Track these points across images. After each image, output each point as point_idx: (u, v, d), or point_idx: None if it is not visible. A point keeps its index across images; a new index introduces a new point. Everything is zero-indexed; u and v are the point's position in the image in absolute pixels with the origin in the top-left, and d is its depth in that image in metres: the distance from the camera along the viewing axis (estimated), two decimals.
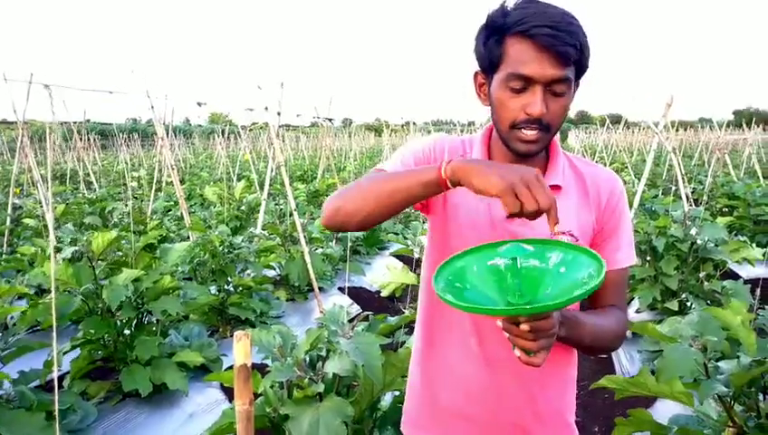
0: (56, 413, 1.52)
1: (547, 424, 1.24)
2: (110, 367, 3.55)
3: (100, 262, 3.45)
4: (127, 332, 3.47)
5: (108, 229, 5.35)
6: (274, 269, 5.61)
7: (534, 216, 0.90)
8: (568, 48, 1.01)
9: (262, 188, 7.35)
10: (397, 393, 2.14)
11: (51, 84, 4.79)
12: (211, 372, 3.62)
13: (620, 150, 16.80)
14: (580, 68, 1.08)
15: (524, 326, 0.92)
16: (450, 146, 1.24)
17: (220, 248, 4.52)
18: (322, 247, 5.90)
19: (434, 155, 1.22)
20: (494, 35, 1.07)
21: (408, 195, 1.02)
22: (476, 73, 1.17)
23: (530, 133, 1.07)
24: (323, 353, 1.98)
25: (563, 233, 0.96)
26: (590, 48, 1.07)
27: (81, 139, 11.08)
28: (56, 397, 1.60)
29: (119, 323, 3.40)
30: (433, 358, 1.28)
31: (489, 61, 1.09)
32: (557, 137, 1.18)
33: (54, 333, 1.65)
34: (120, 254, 3.82)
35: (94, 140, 17.06)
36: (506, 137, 1.11)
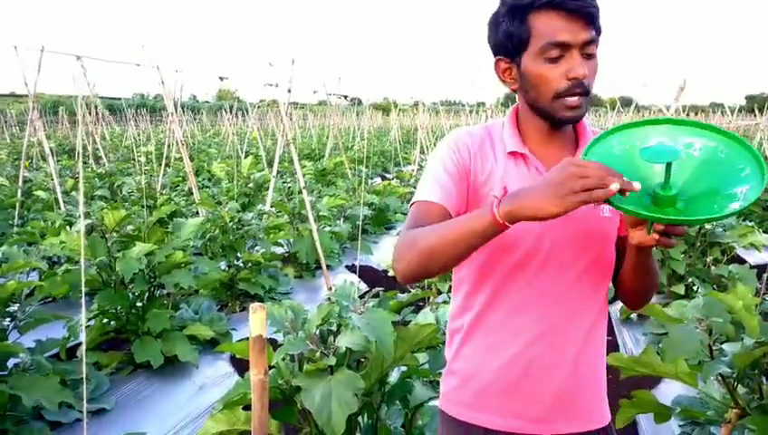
0: (84, 377, 1.56)
1: (587, 391, 1.24)
2: (122, 338, 3.62)
3: (112, 235, 3.50)
4: (139, 304, 3.54)
5: (118, 203, 5.40)
6: (283, 246, 5.65)
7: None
8: (592, 9, 1.09)
9: (270, 165, 7.37)
10: (404, 369, 2.19)
11: (83, 56, 4.79)
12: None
13: None
14: (598, 29, 1.13)
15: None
16: (471, 141, 1.23)
17: (230, 224, 4.57)
18: (330, 225, 5.93)
19: (461, 160, 1.21)
20: (516, 16, 1.12)
21: (469, 245, 1.03)
22: (498, 61, 1.19)
23: (575, 99, 1.12)
24: (334, 328, 2.01)
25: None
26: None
27: (90, 113, 11.10)
28: (84, 365, 1.66)
29: (131, 295, 3.46)
30: (474, 333, 1.28)
31: (517, 41, 1.13)
32: None
33: (83, 301, 1.70)
34: (132, 228, 3.87)
35: (103, 114, 17.08)
36: (550, 108, 1.14)
